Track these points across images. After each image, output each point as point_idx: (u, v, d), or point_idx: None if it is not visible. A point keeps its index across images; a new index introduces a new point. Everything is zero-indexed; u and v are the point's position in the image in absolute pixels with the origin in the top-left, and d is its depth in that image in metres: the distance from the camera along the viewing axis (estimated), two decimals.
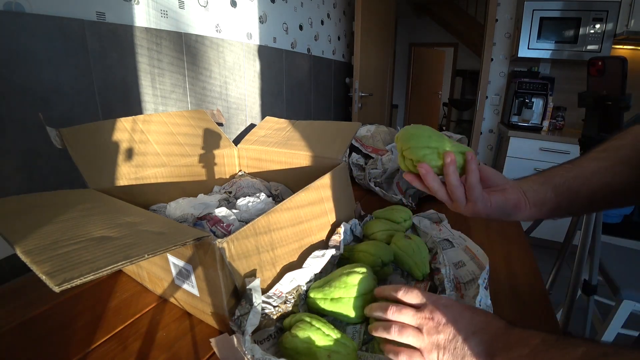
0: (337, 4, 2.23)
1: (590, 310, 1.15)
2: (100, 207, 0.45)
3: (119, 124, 0.64)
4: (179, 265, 0.44)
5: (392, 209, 0.72)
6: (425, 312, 0.36)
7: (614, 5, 1.97)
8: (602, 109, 1.01)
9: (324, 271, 0.51)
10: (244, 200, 0.66)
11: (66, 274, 0.26)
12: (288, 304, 0.44)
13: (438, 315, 0.35)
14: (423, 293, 0.39)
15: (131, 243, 0.32)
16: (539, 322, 0.48)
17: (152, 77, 0.98)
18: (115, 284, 0.55)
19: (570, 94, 2.38)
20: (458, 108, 5.44)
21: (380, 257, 0.54)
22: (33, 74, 0.71)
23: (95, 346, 0.42)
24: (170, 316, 0.48)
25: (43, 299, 0.50)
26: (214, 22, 1.19)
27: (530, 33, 2.15)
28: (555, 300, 1.66)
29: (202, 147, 0.79)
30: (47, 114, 0.74)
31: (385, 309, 0.38)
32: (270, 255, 0.46)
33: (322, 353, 0.37)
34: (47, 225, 0.35)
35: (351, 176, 1.01)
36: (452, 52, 5.31)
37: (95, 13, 0.82)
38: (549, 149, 2.12)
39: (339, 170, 0.65)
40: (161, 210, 0.63)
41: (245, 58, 1.38)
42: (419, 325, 0.36)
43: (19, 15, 0.67)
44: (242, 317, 0.40)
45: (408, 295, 0.39)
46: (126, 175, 0.61)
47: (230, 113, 1.34)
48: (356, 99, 2.22)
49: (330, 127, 0.81)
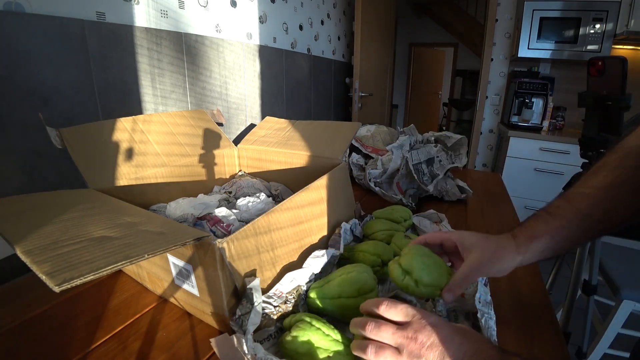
0: (337, 4, 2.23)
1: (590, 310, 1.15)
2: (100, 207, 0.45)
3: (119, 124, 0.64)
4: (179, 265, 0.44)
5: (392, 209, 0.72)
6: (408, 330, 0.33)
7: (614, 5, 1.97)
8: (602, 109, 1.01)
9: (324, 271, 0.51)
10: (244, 200, 0.66)
11: (66, 274, 0.26)
12: (288, 304, 0.44)
13: (422, 336, 0.32)
14: (409, 308, 0.34)
15: (131, 243, 0.32)
16: (539, 322, 0.48)
17: (152, 77, 0.98)
18: (115, 284, 0.55)
19: (570, 94, 2.38)
20: (458, 108, 5.44)
21: (380, 257, 0.54)
22: (33, 74, 0.71)
23: (95, 346, 0.42)
24: (170, 316, 0.48)
25: (43, 299, 0.50)
26: (214, 22, 1.19)
27: (530, 33, 2.15)
28: (555, 300, 1.66)
29: (202, 147, 0.79)
30: (47, 114, 0.74)
31: (363, 325, 0.34)
32: (270, 255, 0.46)
33: (322, 353, 0.37)
34: (47, 225, 0.35)
35: (351, 176, 1.01)
36: (452, 52, 5.31)
37: (95, 13, 0.82)
38: (549, 149, 2.12)
39: (339, 170, 0.65)
40: (161, 210, 0.63)
41: (245, 58, 1.38)
42: (399, 346, 0.32)
43: (19, 15, 0.67)
44: (244, 316, 0.40)
45: (391, 311, 0.35)
46: (126, 175, 0.61)
47: (230, 113, 1.34)
48: (356, 99, 2.22)
49: (330, 127, 0.81)
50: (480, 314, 0.42)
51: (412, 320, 0.33)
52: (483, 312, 0.42)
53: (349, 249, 0.58)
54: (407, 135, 0.96)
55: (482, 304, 0.43)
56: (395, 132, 1.15)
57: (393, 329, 0.33)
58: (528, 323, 0.48)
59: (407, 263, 0.42)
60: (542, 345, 0.43)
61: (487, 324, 0.41)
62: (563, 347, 0.43)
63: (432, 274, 0.41)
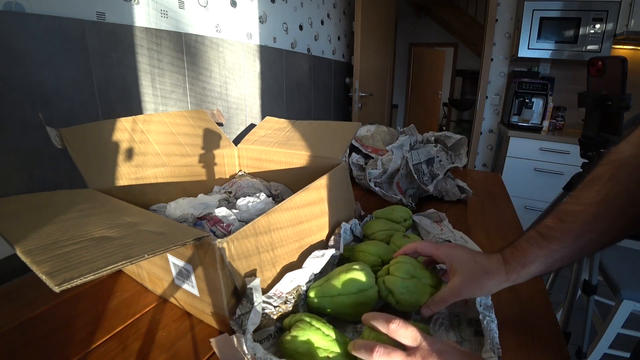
0: (337, 4, 2.23)
1: (590, 310, 1.16)
2: (100, 207, 0.45)
3: (119, 124, 0.64)
4: (179, 265, 0.44)
5: (392, 209, 0.72)
6: (416, 357, 0.32)
7: (614, 5, 1.97)
8: (602, 109, 1.01)
9: (324, 271, 0.51)
10: (244, 200, 0.66)
11: (66, 274, 0.26)
12: (288, 304, 0.44)
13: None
14: (418, 333, 0.34)
15: (131, 243, 0.32)
16: (539, 322, 0.48)
17: (152, 77, 0.98)
18: (115, 284, 0.55)
19: (570, 94, 2.38)
20: (458, 108, 5.45)
21: (380, 257, 0.54)
22: (33, 74, 0.71)
23: (95, 346, 0.42)
24: (170, 316, 0.48)
25: (43, 299, 0.50)
26: (214, 22, 1.19)
27: (530, 33, 2.15)
28: (555, 300, 1.66)
29: (202, 147, 0.79)
30: (47, 114, 0.74)
31: (372, 349, 0.33)
32: (270, 255, 0.46)
33: (322, 353, 0.37)
34: (47, 225, 0.35)
35: (351, 176, 1.01)
36: (452, 52, 5.31)
37: (95, 13, 0.82)
38: (549, 149, 2.12)
39: (339, 170, 0.65)
40: (161, 210, 0.63)
41: (245, 58, 1.38)
42: None
43: (19, 15, 0.67)
44: (243, 316, 0.40)
45: (401, 332, 0.34)
46: (126, 175, 0.61)
47: (230, 113, 1.34)
48: (356, 99, 2.22)
49: (330, 127, 0.81)
50: (481, 316, 0.42)
51: (419, 346, 0.33)
52: (485, 315, 0.42)
53: (349, 249, 0.58)
54: (407, 135, 0.96)
55: (483, 307, 0.43)
56: (395, 132, 1.15)
57: (403, 356, 0.33)
58: (528, 323, 0.48)
59: (391, 283, 0.45)
60: (542, 345, 0.43)
61: (489, 327, 0.41)
62: (563, 347, 0.43)
63: (412, 296, 0.44)
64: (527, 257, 0.39)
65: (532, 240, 0.39)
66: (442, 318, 0.46)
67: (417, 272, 0.46)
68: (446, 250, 0.45)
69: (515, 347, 0.43)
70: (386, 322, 0.35)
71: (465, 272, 0.41)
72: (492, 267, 0.40)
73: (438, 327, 0.45)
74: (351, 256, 0.57)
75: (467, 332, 0.44)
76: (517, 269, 0.39)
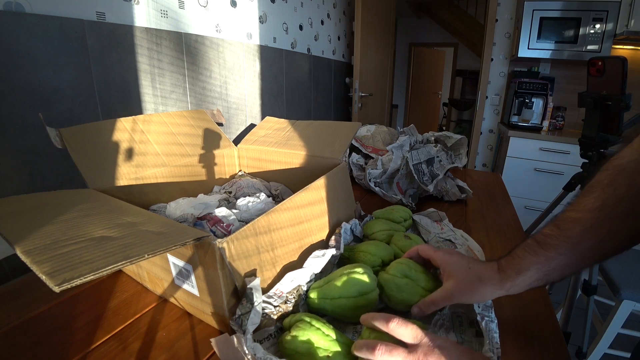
0: (337, 4, 2.23)
1: (590, 310, 1.16)
2: (100, 207, 0.45)
3: (119, 124, 0.64)
4: (179, 265, 0.44)
5: (392, 209, 0.72)
6: (418, 353, 0.32)
7: (614, 5, 1.97)
8: (602, 109, 1.01)
9: (324, 271, 0.51)
10: (244, 200, 0.66)
11: (66, 274, 0.26)
12: (289, 304, 0.44)
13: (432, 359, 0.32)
14: (418, 330, 0.34)
15: (131, 243, 0.32)
16: (539, 322, 0.48)
17: (152, 77, 0.98)
18: (115, 284, 0.55)
19: (570, 94, 2.38)
20: (458, 108, 5.44)
21: (381, 257, 0.54)
22: (33, 74, 0.71)
23: (95, 346, 0.42)
24: (170, 316, 0.48)
25: (43, 299, 0.50)
26: (214, 22, 1.19)
27: (530, 33, 2.15)
28: (555, 300, 1.66)
29: (202, 147, 0.79)
30: (47, 114, 0.74)
31: (373, 348, 0.33)
32: (271, 255, 0.46)
33: (322, 353, 0.37)
34: (47, 225, 0.35)
35: (351, 176, 1.01)
36: (452, 52, 5.31)
37: (95, 13, 0.82)
38: (549, 149, 2.12)
39: (339, 170, 0.65)
40: (161, 210, 0.63)
41: (245, 58, 1.38)
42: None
43: (19, 15, 0.67)
44: (244, 316, 0.40)
45: (401, 330, 0.34)
46: (126, 175, 0.61)
47: (230, 113, 1.34)
48: (356, 99, 2.22)
49: (330, 127, 0.81)
50: (480, 317, 0.41)
51: (420, 343, 0.33)
52: (483, 316, 0.42)
53: (349, 249, 0.58)
54: (407, 135, 0.96)
55: (482, 307, 0.43)
56: (395, 132, 1.15)
57: (404, 353, 0.33)
58: (528, 323, 0.48)
59: (383, 280, 0.47)
60: (542, 345, 0.43)
61: (487, 327, 0.40)
62: (563, 347, 0.43)
63: (401, 294, 0.45)
64: (522, 264, 0.38)
65: (528, 248, 0.39)
66: (442, 319, 0.46)
67: (412, 274, 0.47)
68: (442, 255, 0.45)
69: (515, 347, 0.43)
70: (386, 321, 0.35)
71: (458, 277, 0.41)
72: (486, 273, 0.40)
73: (438, 328, 0.45)
74: (351, 256, 0.57)
75: (468, 333, 0.44)
76: (511, 276, 0.39)
